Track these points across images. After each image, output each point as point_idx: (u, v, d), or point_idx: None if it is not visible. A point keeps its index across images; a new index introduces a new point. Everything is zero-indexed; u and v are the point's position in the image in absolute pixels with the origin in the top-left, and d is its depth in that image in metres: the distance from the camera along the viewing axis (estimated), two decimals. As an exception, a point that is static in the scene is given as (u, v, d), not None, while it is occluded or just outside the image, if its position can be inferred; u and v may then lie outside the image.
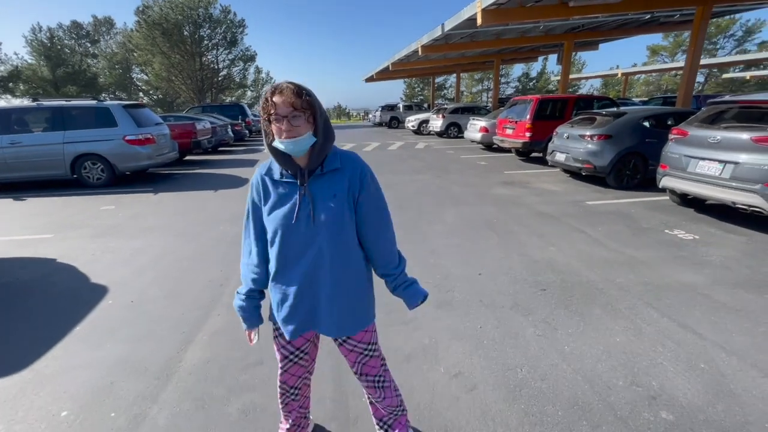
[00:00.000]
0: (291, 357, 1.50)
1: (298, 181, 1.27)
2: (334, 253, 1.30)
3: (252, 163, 10.73)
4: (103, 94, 37.20)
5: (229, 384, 2.17)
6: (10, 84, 29.01)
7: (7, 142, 7.15)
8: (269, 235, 1.34)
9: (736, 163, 4.30)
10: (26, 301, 3.16)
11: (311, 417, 1.86)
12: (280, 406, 1.65)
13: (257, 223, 1.38)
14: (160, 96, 37.30)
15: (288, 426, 1.68)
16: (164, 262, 3.92)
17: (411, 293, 1.45)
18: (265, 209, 1.33)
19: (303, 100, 1.18)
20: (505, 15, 9.66)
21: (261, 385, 2.15)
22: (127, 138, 7.46)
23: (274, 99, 1.17)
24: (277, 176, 1.30)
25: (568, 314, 2.82)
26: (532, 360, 2.33)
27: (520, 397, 2.04)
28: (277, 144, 1.21)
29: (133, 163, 7.68)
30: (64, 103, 7.54)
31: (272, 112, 1.17)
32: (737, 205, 4.42)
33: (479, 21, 9.48)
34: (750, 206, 4.24)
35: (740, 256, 3.83)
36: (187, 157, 11.53)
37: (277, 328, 1.47)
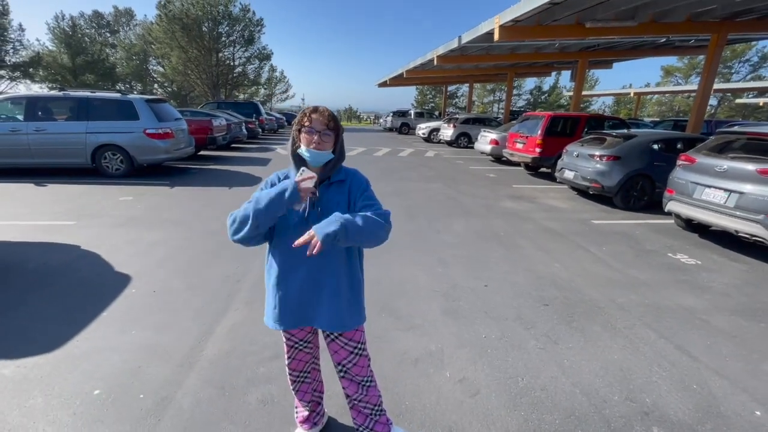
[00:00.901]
0: (296, 346, 1.69)
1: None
2: (336, 254, 1.49)
3: (265, 162, 10.94)
4: (119, 84, 37.82)
5: (248, 375, 2.32)
6: (30, 69, 29.60)
7: (33, 129, 7.40)
8: (277, 233, 1.52)
9: (741, 192, 4.41)
10: (54, 286, 3.33)
11: (326, 408, 2.00)
12: (294, 393, 1.81)
13: None
14: (175, 89, 37.82)
15: (306, 412, 1.83)
16: (183, 256, 4.10)
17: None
18: None
19: (334, 123, 1.47)
20: (523, 32, 9.83)
21: (278, 377, 2.30)
22: (148, 131, 7.69)
23: (312, 115, 1.44)
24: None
25: (569, 330, 2.95)
26: (533, 371, 2.46)
27: (521, 404, 2.17)
28: (302, 151, 1.46)
29: (152, 156, 7.90)
30: (89, 94, 7.79)
31: (307, 124, 1.44)
32: (740, 234, 4.52)
33: (496, 36, 9.65)
34: (752, 235, 4.34)
35: (740, 283, 3.93)
36: (202, 152, 11.77)
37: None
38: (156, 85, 41.90)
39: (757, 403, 2.25)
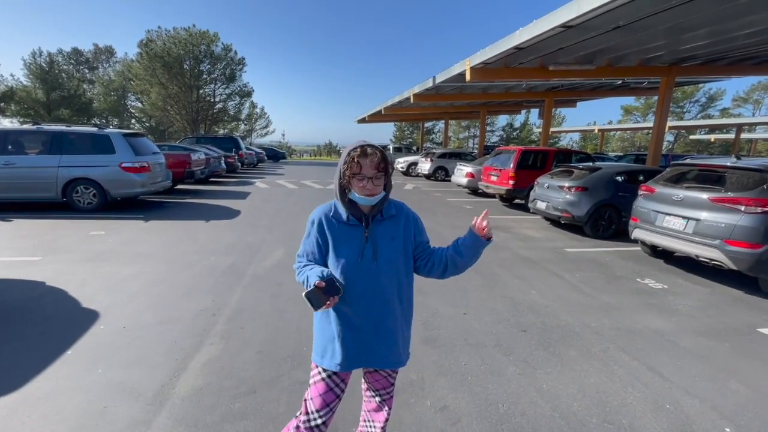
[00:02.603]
0: (332, 387, 1.52)
1: (364, 225, 1.47)
2: (395, 289, 1.49)
3: (243, 195, 10.89)
4: (95, 119, 37.42)
5: (223, 412, 2.23)
6: (2, 104, 29.01)
7: (1, 163, 7.18)
8: (335, 273, 1.44)
9: (697, 219, 4.72)
10: (15, 324, 3.15)
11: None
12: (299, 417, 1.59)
13: (311, 247, 1.50)
14: (153, 124, 37.72)
15: None
16: (156, 290, 3.97)
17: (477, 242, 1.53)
18: (331, 248, 1.47)
19: (385, 164, 1.42)
20: (492, 74, 10.51)
21: (254, 413, 2.22)
22: (124, 165, 7.60)
23: (361, 161, 1.38)
24: (343, 218, 1.47)
25: (546, 355, 3.00)
26: (513, 396, 2.47)
27: (501, 431, 2.16)
28: (356, 197, 1.42)
29: (127, 190, 7.76)
30: (64, 128, 7.70)
31: (358, 172, 1.38)
32: (700, 258, 4.79)
33: (468, 77, 10.28)
34: (711, 259, 4.61)
35: (704, 305, 4.12)
36: (179, 186, 11.63)
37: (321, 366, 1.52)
38: (134, 120, 41.70)
39: (726, 420, 2.32)
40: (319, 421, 1.50)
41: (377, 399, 1.62)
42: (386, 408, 1.62)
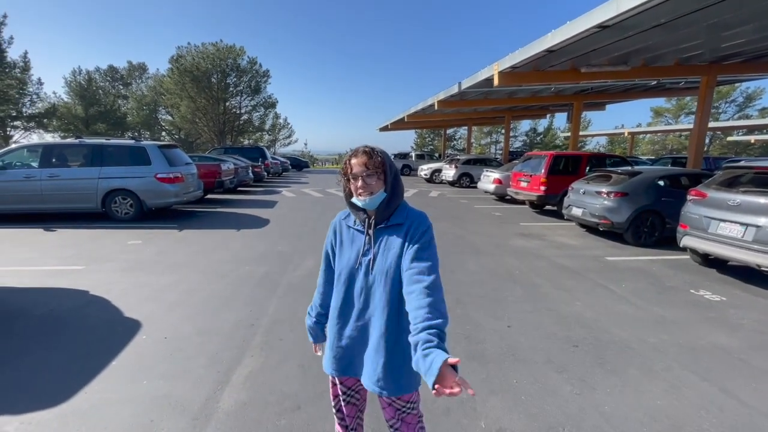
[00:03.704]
0: (343, 396, 1.56)
1: (365, 230, 1.41)
2: (385, 304, 1.35)
3: (271, 204, 11.02)
4: (129, 132, 39.18)
5: (268, 428, 2.16)
6: (45, 120, 30.77)
7: (47, 175, 7.52)
8: (336, 276, 1.47)
9: (758, 226, 4.37)
10: (62, 334, 3.21)
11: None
12: None
13: (327, 260, 1.56)
14: (183, 136, 39.12)
15: None
16: (194, 300, 3.98)
17: (427, 360, 1.07)
18: (337, 251, 1.49)
19: (374, 161, 1.35)
20: (520, 78, 10.29)
21: (299, 431, 2.13)
22: (159, 176, 7.81)
23: (352, 161, 1.37)
24: (351, 223, 1.47)
25: (603, 373, 2.79)
26: (574, 419, 2.29)
27: (567, 458, 1.99)
28: (355, 201, 1.39)
29: (161, 200, 7.97)
30: (104, 141, 8.01)
31: (349, 171, 1.37)
32: (762, 268, 4.42)
33: (496, 82, 10.10)
34: (776, 270, 4.24)
35: (772, 320, 3.78)
36: (209, 196, 11.90)
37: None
38: (164, 133, 43.37)
39: (822, 453, 2.06)
40: (340, 422, 1.62)
41: (394, 430, 1.51)
42: None
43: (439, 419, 2.26)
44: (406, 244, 1.33)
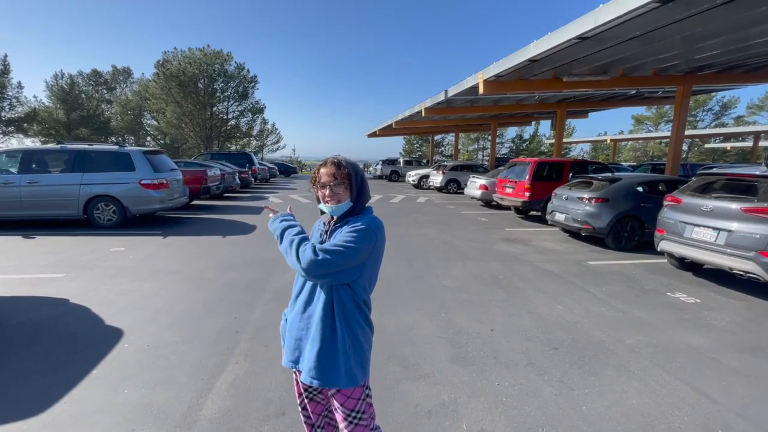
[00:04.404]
0: (306, 393, 1.62)
1: (326, 232, 1.53)
2: (326, 299, 1.44)
3: (258, 210, 10.96)
4: (113, 137, 38.49)
5: (252, 435, 2.16)
6: (25, 124, 30.06)
7: (26, 181, 7.36)
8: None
9: (729, 230, 4.55)
10: (40, 343, 3.15)
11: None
12: None
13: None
14: (168, 141, 38.62)
15: None
16: (178, 307, 3.95)
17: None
18: None
19: (341, 171, 1.45)
20: (505, 86, 10.52)
21: (284, 437, 2.14)
22: (143, 182, 7.72)
23: (321, 170, 1.48)
24: (322, 224, 1.62)
25: (582, 374, 2.87)
26: (553, 419, 2.35)
27: (545, 457, 2.05)
28: (322, 207, 1.53)
29: (146, 206, 7.86)
30: (86, 146, 7.88)
31: (318, 181, 1.48)
32: (734, 271, 4.60)
33: (481, 90, 10.30)
34: (746, 272, 4.42)
35: (743, 321, 3.93)
36: (195, 202, 11.76)
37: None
38: (149, 138, 42.76)
39: (785, 447, 2.16)
40: (306, 420, 1.67)
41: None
42: None
43: (420, 422, 2.30)
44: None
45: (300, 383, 1.61)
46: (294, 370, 1.57)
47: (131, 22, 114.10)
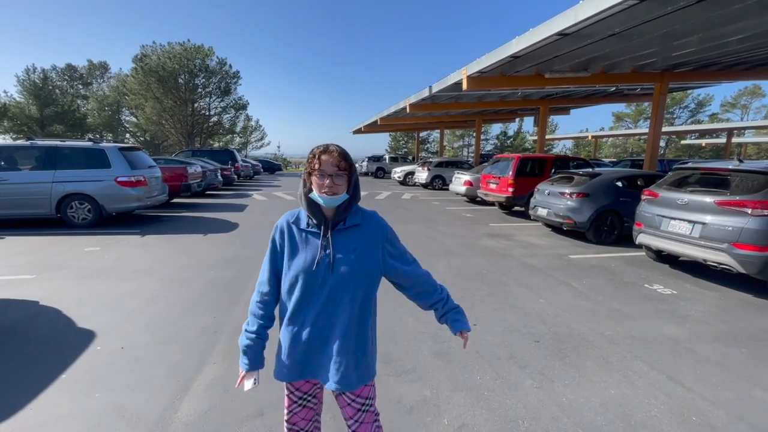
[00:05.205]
0: (299, 401, 1.52)
1: (322, 232, 1.39)
2: (351, 304, 1.37)
3: (241, 208, 10.78)
4: (89, 134, 37.26)
5: (229, 437, 2.11)
6: (-5, 120, 28.84)
7: (-7, 179, 7.04)
8: (289, 279, 1.41)
9: (703, 223, 4.68)
10: (7, 346, 3.01)
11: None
12: None
13: (274, 265, 1.46)
14: (148, 138, 37.62)
15: None
16: (155, 307, 3.83)
17: (460, 321, 1.54)
18: (287, 254, 1.42)
19: (347, 163, 1.37)
20: (488, 82, 10.58)
21: (262, 437, 2.10)
22: (119, 180, 7.48)
23: (322, 157, 1.34)
24: (303, 225, 1.42)
25: (563, 366, 2.90)
26: (533, 412, 2.36)
27: (525, 450, 2.06)
28: (315, 196, 1.36)
29: (122, 205, 7.63)
30: (58, 143, 7.59)
31: (317, 167, 1.34)
32: (708, 262, 4.74)
33: (464, 86, 10.32)
34: (719, 264, 4.56)
35: (716, 311, 4.05)
36: (175, 200, 11.49)
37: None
38: (128, 135, 41.59)
39: (755, 432, 2.23)
40: (291, 427, 1.55)
41: (350, 429, 1.52)
42: None
43: (402, 417, 2.28)
44: (375, 247, 1.44)
45: (296, 392, 1.52)
46: (288, 383, 1.49)
47: (107, 14, 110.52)
